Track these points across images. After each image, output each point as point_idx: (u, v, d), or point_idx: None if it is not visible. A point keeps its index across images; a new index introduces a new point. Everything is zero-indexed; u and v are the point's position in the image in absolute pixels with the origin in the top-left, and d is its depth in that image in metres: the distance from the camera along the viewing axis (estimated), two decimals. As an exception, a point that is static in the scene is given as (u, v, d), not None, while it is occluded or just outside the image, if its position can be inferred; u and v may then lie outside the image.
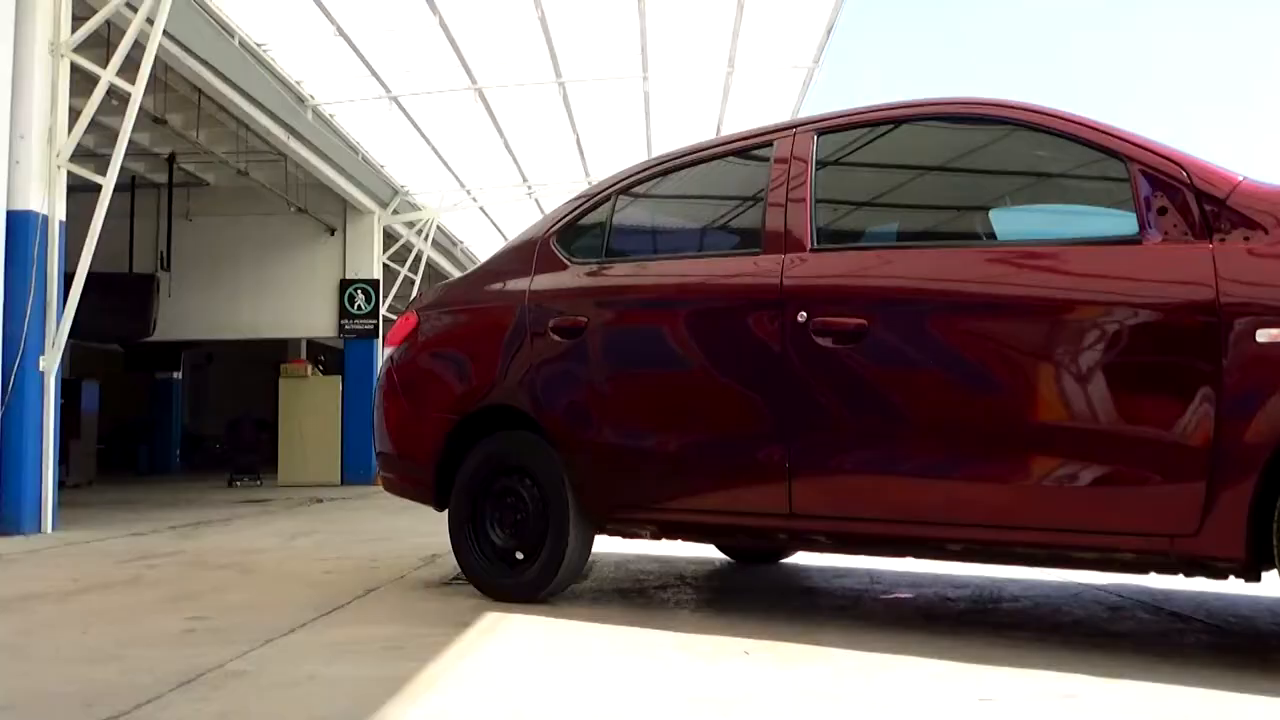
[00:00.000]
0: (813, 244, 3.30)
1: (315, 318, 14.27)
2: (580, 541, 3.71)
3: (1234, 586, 3.16)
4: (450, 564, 4.59)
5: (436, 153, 13.21)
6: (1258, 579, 2.65)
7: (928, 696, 2.40)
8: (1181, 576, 2.77)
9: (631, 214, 4.00)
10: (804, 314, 3.17)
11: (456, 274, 13.64)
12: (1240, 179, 2.71)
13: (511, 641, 3.11)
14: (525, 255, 4.03)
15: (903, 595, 3.94)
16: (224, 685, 2.56)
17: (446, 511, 4.04)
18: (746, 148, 3.72)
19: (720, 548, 5.04)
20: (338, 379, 13.98)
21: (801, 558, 5.00)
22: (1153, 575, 2.84)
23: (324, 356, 16.18)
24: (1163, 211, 2.74)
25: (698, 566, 4.84)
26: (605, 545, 5.13)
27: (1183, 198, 2.72)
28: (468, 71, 10.65)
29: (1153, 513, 2.65)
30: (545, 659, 2.87)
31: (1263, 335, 2.50)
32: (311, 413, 13.55)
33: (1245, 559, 2.54)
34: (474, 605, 3.69)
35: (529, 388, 3.79)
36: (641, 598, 3.93)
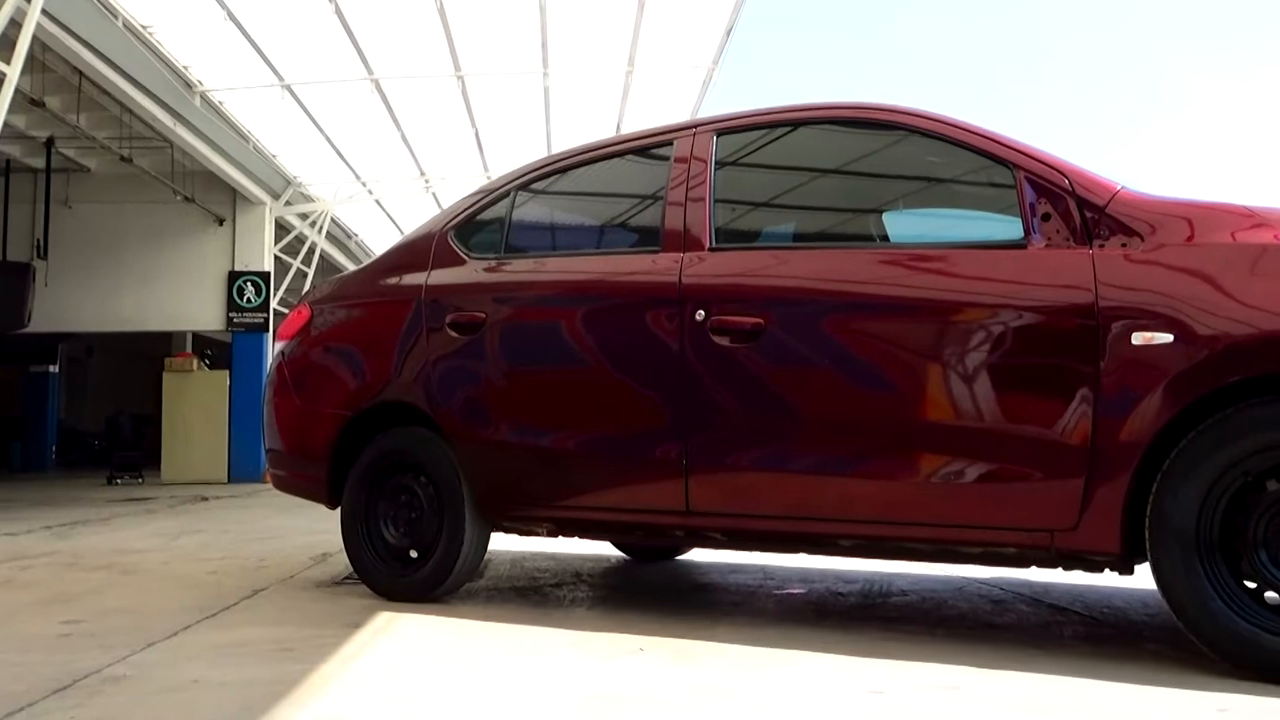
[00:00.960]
0: (711, 243, 3.32)
1: (202, 310, 13.83)
2: (476, 539, 3.68)
3: (1109, 579, 3.29)
4: (342, 563, 4.50)
5: (331, 144, 12.95)
6: (1130, 572, 2.78)
7: (820, 690, 2.45)
8: (1060, 570, 2.88)
9: (531, 210, 3.97)
10: (702, 313, 3.20)
11: (351, 267, 13.39)
12: (1119, 187, 2.82)
13: (404, 642, 3.07)
14: (422, 249, 3.98)
15: (795, 590, 4.01)
16: (102, 691, 2.46)
17: (339, 510, 3.96)
18: (646, 146, 3.73)
19: (617, 545, 5.05)
20: (225, 373, 13.58)
21: (697, 554, 5.04)
22: (1034, 569, 2.94)
23: (211, 350, 15.68)
24: (1046, 217, 2.84)
25: (594, 564, 4.84)
26: (501, 543, 5.10)
27: (1065, 204, 2.82)
28: (364, 62, 10.46)
29: (1034, 509, 2.74)
30: (438, 659, 2.84)
31: (1137, 338, 2.61)
32: (197, 408, 13.14)
33: (1120, 553, 2.66)
34: (366, 605, 3.62)
35: (425, 384, 3.74)
36: (537, 596, 3.91)
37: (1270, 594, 2.48)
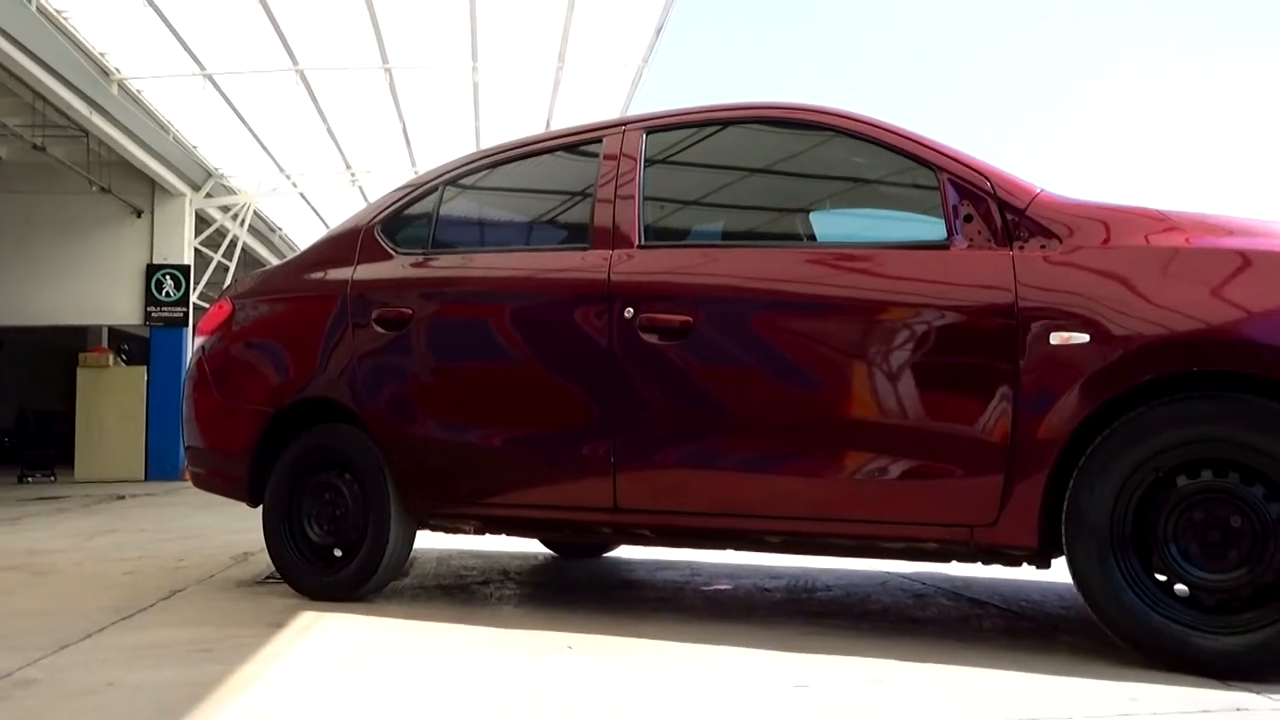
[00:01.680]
0: (640, 241, 3.33)
1: (119, 304, 13.45)
2: (402, 538, 3.64)
3: (1026, 573, 3.37)
4: (264, 562, 4.42)
5: (255, 135, 12.69)
6: (1048, 566, 2.85)
7: (746, 685, 2.47)
8: (980, 564, 2.94)
9: (459, 205, 3.94)
10: (631, 310, 3.20)
11: (274, 261, 13.14)
12: (1039, 190, 2.89)
13: (328, 641, 3.02)
14: (348, 244, 3.92)
15: (722, 586, 4.03)
16: (11, 696, 2.39)
17: (260, 508, 3.89)
18: (576, 143, 3.73)
19: (544, 542, 5.04)
20: (142, 369, 13.22)
21: (625, 551, 5.05)
22: (954, 564, 3.00)
23: (128, 345, 15.27)
24: (968, 219, 2.89)
25: (521, 561, 4.83)
26: (428, 541, 5.05)
27: (987, 206, 2.88)
28: (289, 52, 10.27)
29: (956, 505, 2.79)
30: (363, 659, 2.80)
31: (1055, 338, 2.67)
32: (113, 404, 12.78)
33: (1037, 548, 2.72)
34: (289, 605, 3.56)
35: (350, 380, 3.69)
36: (464, 594, 3.88)
37: (1179, 586, 2.56)
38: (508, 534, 3.74)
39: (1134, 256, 2.68)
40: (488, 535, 3.73)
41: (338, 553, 3.71)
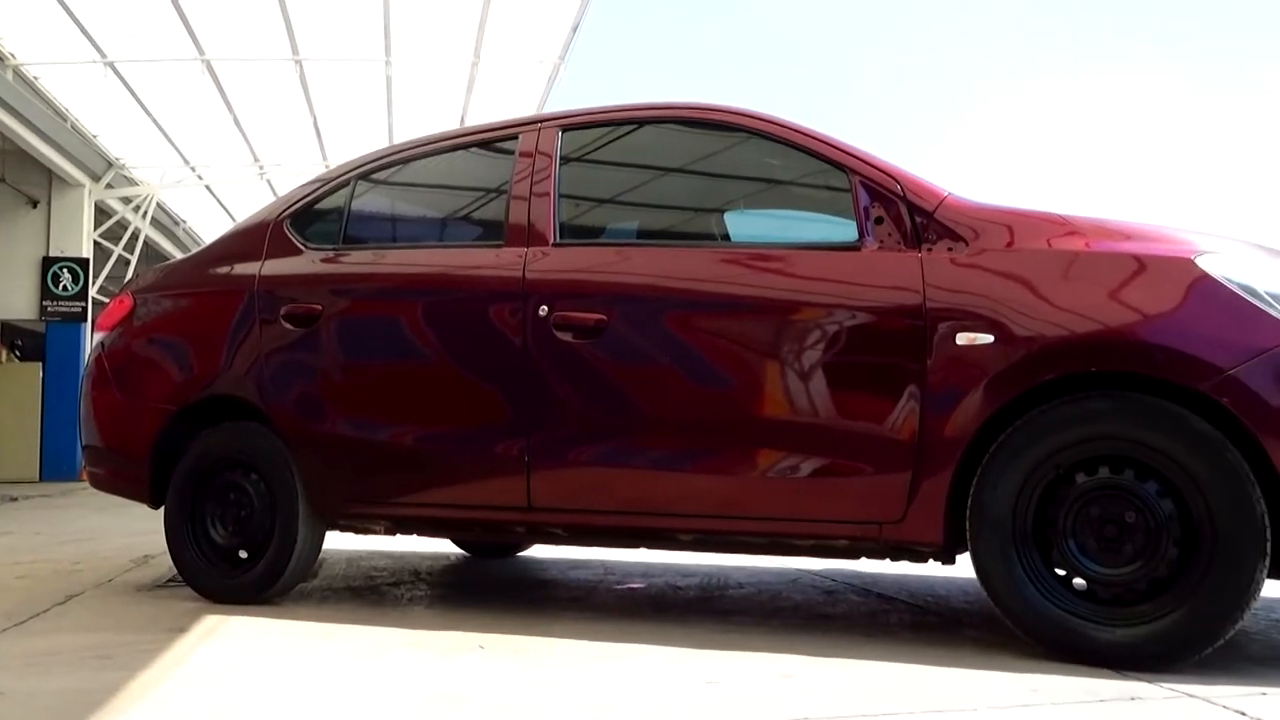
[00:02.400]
0: (556, 238, 3.32)
1: (12, 298, 12.93)
2: (310, 538, 3.57)
3: (932, 569, 3.45)
4: (165, 565, 4.30)
5: (158, 125, 12.32)
6: (953, 561, 2.92)
7: (659, 682, 2.48)
8: (888, 561, 3.00)
9: (372, 200, 3.89)
10: (545, 308, 3.19)
11: (178, 255, 12.78)
12: (946, 194, 2.96)
13: (233, 646, 2.95)
14: (256, 238, 3.84)
15: (635, 585, 4.04)
16: (-108, 706, 2.28)
17: (162, 509, 3.78)
18: (491, 140, 3.70)
19: (456, 542, 4.99)
20: (37, 366, 12.74)
21: (538, 550, 5.03)
22: (863, 560, 3.05)
23: (21, 341, 14.73)
24: (879, 221, 2.95)
25: (433, 562, 4.78)
26: (337, 542, 4.97)
27: (896, 209, 2.94)
28: (195, 41, 10.00)
29: (865, 502, 2.84)
30: (269, 662, 2.74)
31: (961, 339, 2.74)
32: (6, 402, 12.29)
33: (943, 543, 2.78)
34: (192, 609, 3.47)
35: (257, 377, 3.61)
36: (374, 595, 3.83)
37: (1078, 580, 2.65)
38: (419, 534, 3.70)
39: (1036, 260, 2.76)
40: (399, 536, 3.68)
41: (243, 554, 3.63)
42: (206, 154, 13.71)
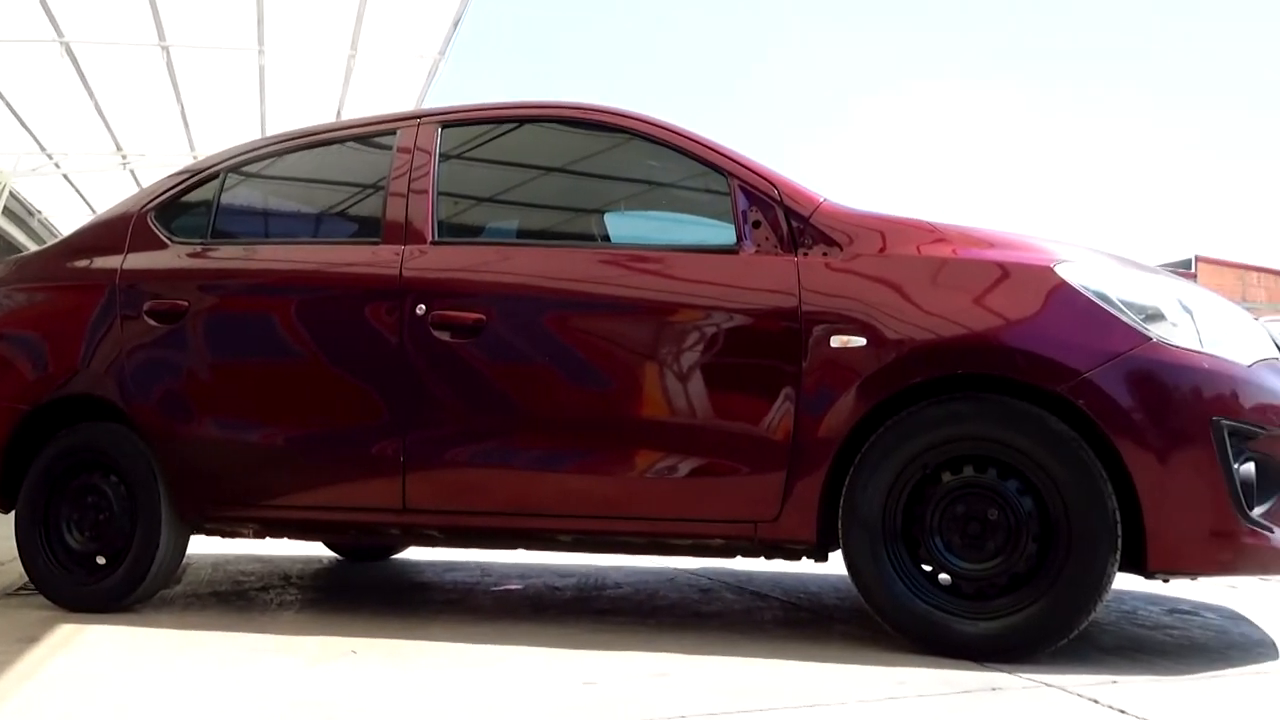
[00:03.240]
0: (434, 236, 3.28)
1: None
2: (173, 543, 3.44)
3: (806, 566, 3.52)
4: (16, 572, 4.08)
5: (12, 110, 11.73)
6: (825, 559, 2.99)
7: (535, 684, 2.47)
8: (763, 559, 3.05)
9: (243, 194, 3.77)
10: (423, 306, 3.15)
11: (33, 247, 12.18)
12: (822, 199, 3.02)
13: (90, 656, 2.82)
14: (118, 231, 3.68)
15: (512, 586, 4.02)
16: None
17: (12, 514, 3.60)
18: (369, 134, 3.63)
19: (329, 545, 4.88)
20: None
21: (413, 553, 4.95)
22: (739, 559, 3.10)
23: None
24: (757, 225, 2.99)
25: (304, 565, 4.66)
26: (202, 546, 4.81)
27: (774, 213, 2.99)
28: (53, 22, 9.55)
29: (741, 502, 2.89)
30: (129, 673, 2.63)
31: (835, 341, 2.80)
32: None
33: (816, 542, 2.85)
34: (45, 618, 3.30)
35: (118, 376, 3.46)
36: (241, 600, 3.71)
37: (943, 576, 2.74)
38: (290, 537, 3.60)
39: (907, 265, 2.84)
40: (269, 539, 3.58)
41: (101, 560, 3.47)
42: (65, 141, 13.11)
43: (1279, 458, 2.69)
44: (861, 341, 2.78)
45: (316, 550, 5.00)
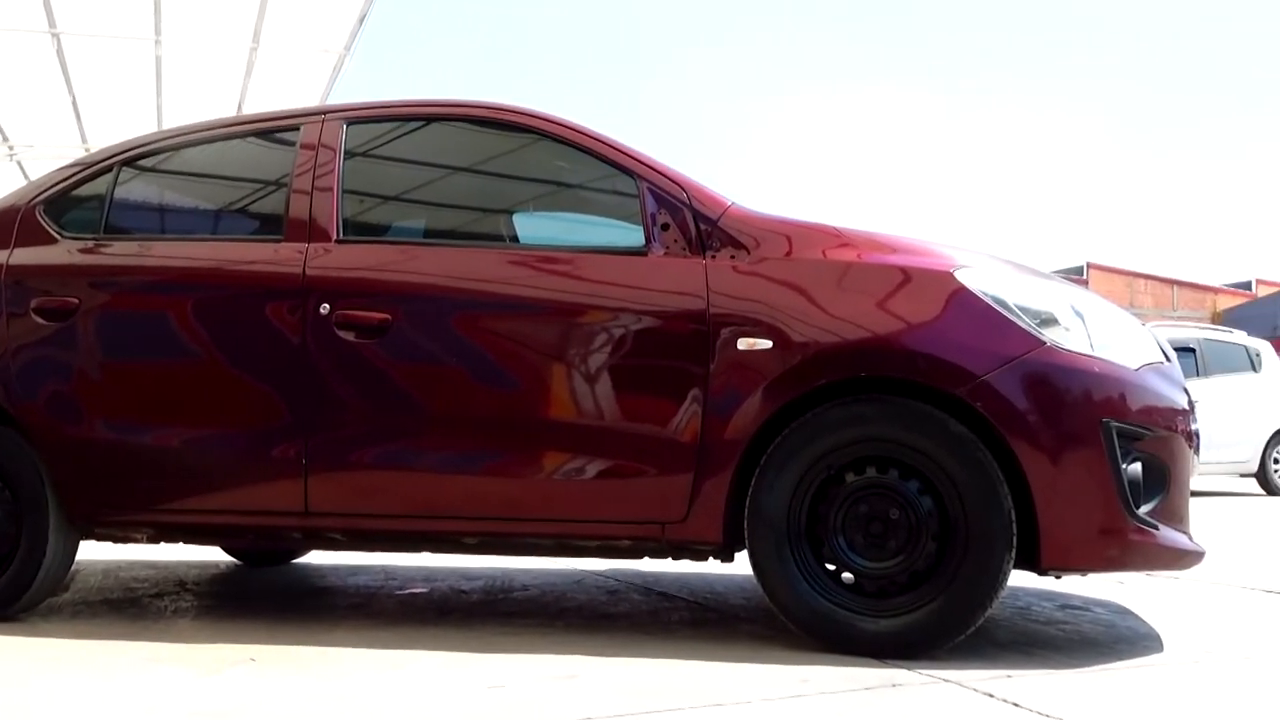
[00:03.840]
0: (339, 235, 3.22)
1: None
2: (61, 549, 3.31)
3: (712, 567, 3.55)
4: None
5: (-113, 96, 11.19)
6: (731, 559, 3.02)
7: (440, 688, 2.44)
8: (670, 560, 3.06)
9: (138, 188, 3.65)
10: (326, 306, 3.09)
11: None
12: (730, 203, 3.05)
13: (-31, 666, 2.70)
14: (4, 225, 3.53)
15: (418, 590, 3.97)
16: None
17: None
18: (272, 129, 3.55)
19: (227, 550, 4.76)
20: None
21: (315, 556, 4.86)
22: (646, 560, 3.11)
23: None
24: (665, 227, 3.01)
25: (200, 571, 4.53)
26: (93, 551, 4.65)
27: (683, 216, 3.01)
28: (-67, 6, 9.14)
29: (648, 503, 2.90)
30: (9, 686, 2.53)
31: (742, 344, 2.83)
32: None
33: (722, 542, 2.87)
34: (-79, 628, 3.16)
35: (2, 375, 3.31)
36: (134, 608, 3.59)
37: (846, 575, 2.79)
38: (187, 542, 3.50)
39: (812, 269, 2.89)
40: (164, 544, 3.47)
41: (-17, 567, 3.33)
42: (-55, 130, 12.54)
43: (1163, 458, 2.80)
44: (768, 344, 2.81)
45: (214, 555, 4.87)
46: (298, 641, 2.94)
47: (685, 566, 4.29)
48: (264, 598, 3.92)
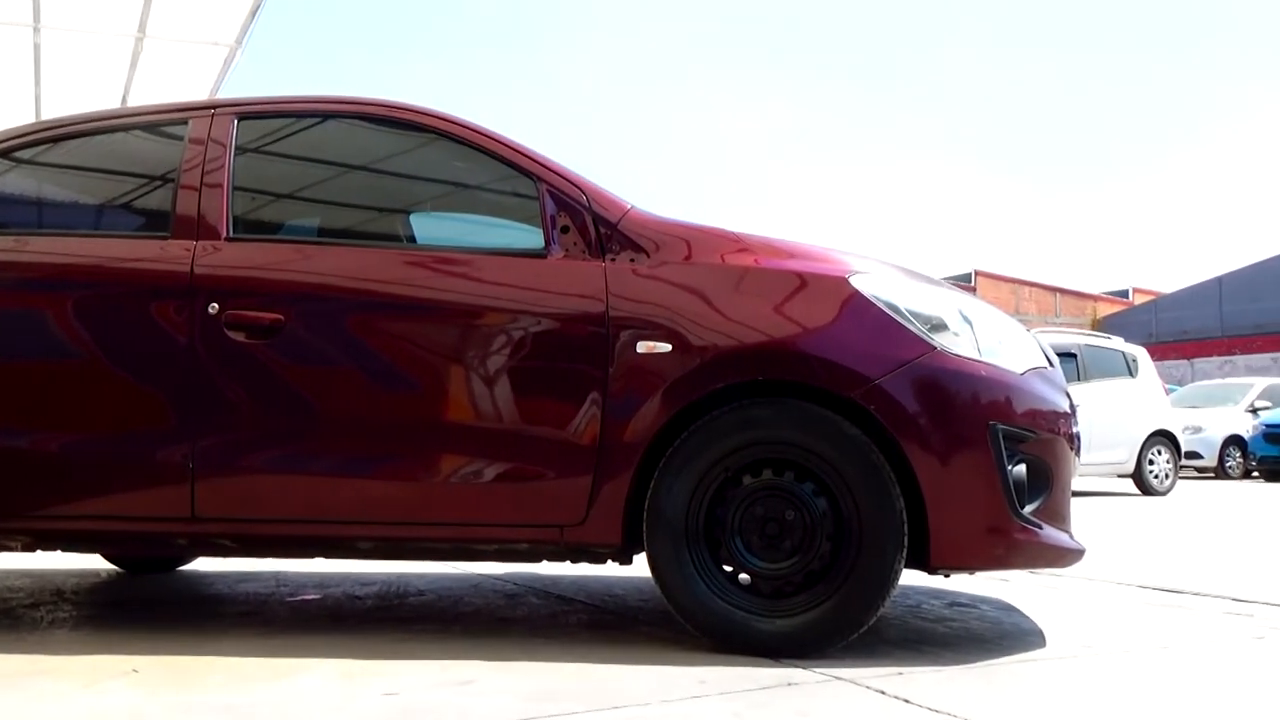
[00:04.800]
0: (229, 233, 3.13)
1: None
2: (-72, 558, 3.16)
3: (611, 569, 3.55)
4: None
5: None
6: (630, 562, 3.03)
7: (334, 697, 2.39)
8: (569, 563, 3.05)
9: (13, 181, 3.50)
10: (216, 306, 3.00)
11: None
12: (630, 207, 3.06)
13: None
14: None
15: (310, 596, 3.88)
16: None
17: None
18: (158, 123, 3.44)
19: (108, 557, 4.59)
20: None
21: (203, 563, 4.71)
22: (545, 563, 3.09)
23: None
24: (565, 230, 3.00)
25: (80, 579, 4.36)
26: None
27: (583, 219, 3.01)
28: None
29: (547, 506, 2.89)
30: (-128, 701, 2.39)
31: (641, 347, 2.84)
32: None
33: (621, 544, 2.88)
34: None
35: None
36: (6, 619, 3.43)
37: (743, 576, 2.82)
38: (66, 549, 3.36)
39: (711, 273, 2.92)
40: (40, 552, 3.33)
41: None
42: None
43: (1047, 459, 2.91)
44: (667, 347, 2.83)
45: (94, 563, 4.69)
46: (183, 651, 2.84)
47: (583, 570, 4.28)
48: (147, 607, 3.79)
